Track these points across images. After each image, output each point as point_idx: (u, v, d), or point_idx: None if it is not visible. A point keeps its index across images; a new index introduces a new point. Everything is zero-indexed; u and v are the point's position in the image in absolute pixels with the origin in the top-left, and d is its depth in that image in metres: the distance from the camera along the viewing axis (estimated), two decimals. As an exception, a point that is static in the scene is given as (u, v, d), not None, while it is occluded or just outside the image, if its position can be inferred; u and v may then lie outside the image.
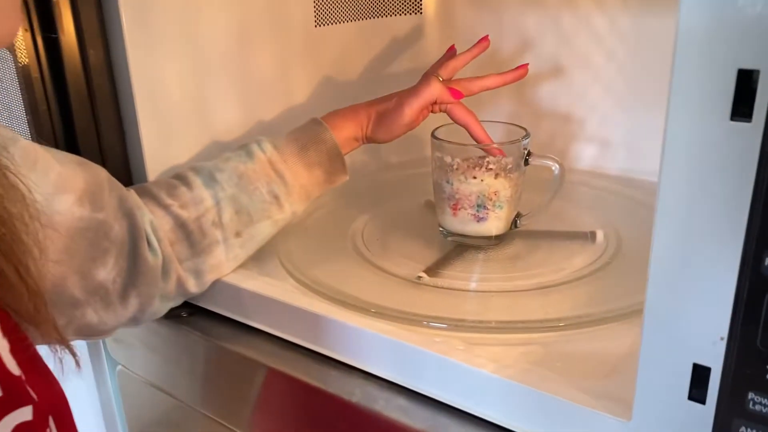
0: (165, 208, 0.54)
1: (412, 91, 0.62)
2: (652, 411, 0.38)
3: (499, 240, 0.64)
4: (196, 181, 0.55)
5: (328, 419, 0.52)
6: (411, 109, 0.61)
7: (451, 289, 0.57)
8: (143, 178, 0.61)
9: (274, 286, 0.58)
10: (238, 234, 0.56)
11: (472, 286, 0.58)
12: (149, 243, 0.52)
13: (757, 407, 0.32)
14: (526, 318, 0.52)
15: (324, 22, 0.75)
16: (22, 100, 0.54)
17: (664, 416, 0.38)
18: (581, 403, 0.42)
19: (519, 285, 0.57)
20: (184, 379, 0.63)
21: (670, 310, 0.36)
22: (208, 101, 0.65)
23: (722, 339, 0.34)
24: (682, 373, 0.36)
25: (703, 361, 0.35)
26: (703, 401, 0.36)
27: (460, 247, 0.64)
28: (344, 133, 0.60)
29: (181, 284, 0.54)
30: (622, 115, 0.79)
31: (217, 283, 0.58)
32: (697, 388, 0.36)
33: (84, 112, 0.56)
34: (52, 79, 0.55)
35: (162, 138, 0.61)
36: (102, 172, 0.51)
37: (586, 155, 0.82)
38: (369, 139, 0.63)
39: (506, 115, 0.85)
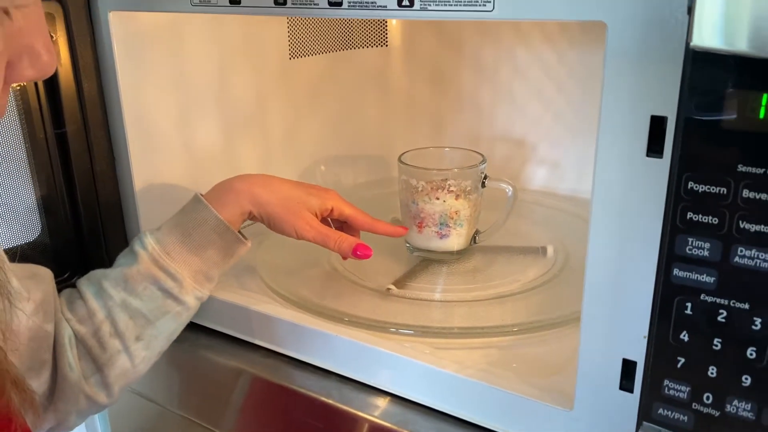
0: (66, 322, 0.52)
1: (312, 227, 0.59)
2: (589, 401, 0.45)
3: (460, 255, 0.70)
4: (87, 293, 0.54)
5: (308, 420, 0.57)
6: (300, 237, 0.59)
7: (417, 299, 0.63)
8: (132, 200, 0.65)
9: (253, 297, 0.63)
10: (138, 338, 0.54)
11: (437, 296, 0.64)
12: (68, 358, 0.51)
13: (672, 392, 0.38)
14: (485, 324, 0.58)
15: (297, 55, 0.81)
16: (21, 128, 0.58)
17: (599, 405, 0.44)
18: (531, 396, 0.48)
19: (478, 295, 0.63)
20: (168, 387, 0.68)
21: (602, 314, 0.42)
22: (191, 128, 0.70)
23: (645, 337, 0.40)
24: (613, 368, 0.43)
25: (630, 356, 0.42)
26: (631, 390, 0.43)
27: (425, 261, 0.70)
28: (228, 209, 0.56)
29: (91, 400, 0.53)
30: (571, 140, 0.86)
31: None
32: (626, 380, 0.43)
33: (79, 139, 0.61)
34: (49, 109, 0.59)
35: (150, 162, 0.66)
36: (51, 282, 0.51)
37: (538, 176, 0.90)
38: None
39: (466, 139, 0.92)
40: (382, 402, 0.54)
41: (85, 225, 0.63)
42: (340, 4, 0.46)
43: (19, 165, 0.59)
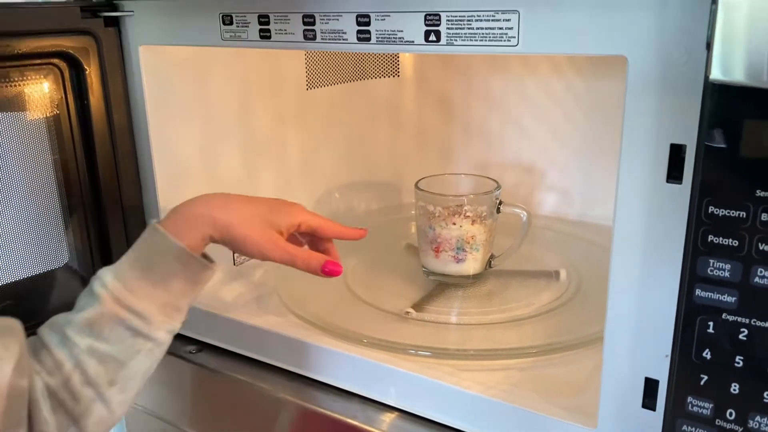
0: (37, 375, 0.48)
1: (278, 246, 0.55)
2: (612, 419, 0.46)
3: (475, 278, 0.72)
4: (50, 342, 0.49)
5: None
6: (265, 258, 0.55)
7: (436, 322, 0.64)
8: (157, 226, 0.67)
9: (274, 320, 0.64)
10: (111, 383, 0.50)
11: (455, 319, 0.65)
12: (43, 413, 0.47)
13: (695, 409, 0.40)
14: (504, 346, 0.60)
15: (314, 85, 0.83)
16: (52, 158, 0.60)
17: (622, 423, 0.46)
18: (555, 416, 0.49)
19: (495, 318, 0.65)
20: (188, 411, 0.69)
21: (625, 334, 0.44)
22: (215, 157, 0.72)
23: (667, 356, 0.42)
24: (636, 386, 0.44)
25: (653, 375, 0.44)
26: (653, 408, 0.44)
27: (441, 285, 0.72)
28: (188, 236, 0.53)
29: None
30: (579, 167, 0.89)
31: (222, 320, 0.64)
32: (649, 398, 0.44)
33: (108, 168, 0.63)
34: (81, 139, 0.61)
35: (175, 190, 0.67)
36: (23, 335, 0.48)
37: (548, 202, 0.92)
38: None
39: (475, 166, 0.94)
40: (405, 423, 0.55)
41: (113, 252, 0.65)
42: (368, 39, 0.49)
43: (49, 194, 0.61)
